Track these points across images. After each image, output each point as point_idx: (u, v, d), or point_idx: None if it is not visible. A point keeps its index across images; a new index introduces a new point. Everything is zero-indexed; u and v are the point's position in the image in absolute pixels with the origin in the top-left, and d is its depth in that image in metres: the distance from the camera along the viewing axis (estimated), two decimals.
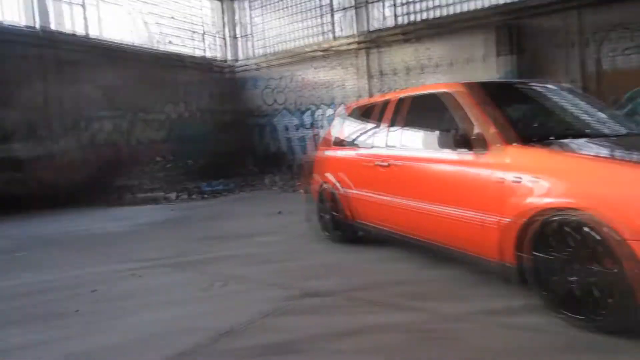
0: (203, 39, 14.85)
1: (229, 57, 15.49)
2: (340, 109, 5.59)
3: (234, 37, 15.45)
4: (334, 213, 4.95)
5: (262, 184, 12.75)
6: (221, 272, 4.07)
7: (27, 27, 10.49)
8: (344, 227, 4.87)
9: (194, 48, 14.59)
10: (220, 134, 14.68)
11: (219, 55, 15.36)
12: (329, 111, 13.56)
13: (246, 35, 15.31)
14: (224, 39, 15.44)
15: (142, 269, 4.33)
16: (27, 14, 10.57)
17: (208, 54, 14.97)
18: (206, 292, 3.55)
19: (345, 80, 13.11)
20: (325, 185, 5.12)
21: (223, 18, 15.35)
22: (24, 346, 2.71)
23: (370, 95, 12.55)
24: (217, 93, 14.93)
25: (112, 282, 3.94)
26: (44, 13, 10.71)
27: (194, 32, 14.61)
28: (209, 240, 5.59)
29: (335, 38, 13.25)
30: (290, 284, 3.64)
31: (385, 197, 4.03)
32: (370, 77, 12.64)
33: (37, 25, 10.60)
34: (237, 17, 15.43)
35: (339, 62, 13.17)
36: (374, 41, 12.49)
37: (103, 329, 2.91)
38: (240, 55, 15.47)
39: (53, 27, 10.88)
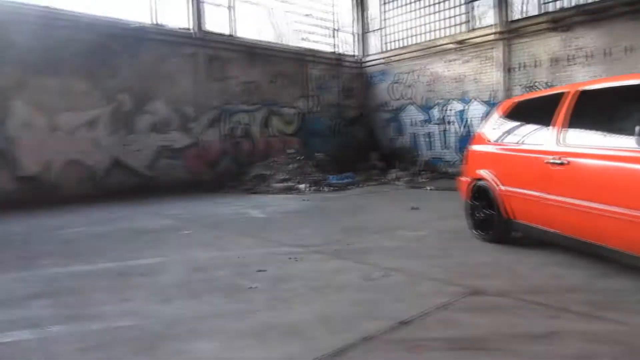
0: (334, 34, 15.17)
1: (358, 52, 15.64)
2: (502, 103, 5.28)
3: (364, 32, 15.56)
4: (489, 211, 4.73)
5: (386, 179, 12.73)
6: (376, 263, 4.10)
7: (183, 29, 11.63)
8: (497, 226, 4.64)
9: (325, 44, 14.96)
10: (346, 128, 14.95)
11: (348, 50, 15.58)
12: (459, 106, 13.07)
13: (376, 29, 15.30)
14: (354, 34, 15.62)
15: (298, 254, 4.54)
16: (183, 16, 11.72)
17: (339, 50, 15.25)
18: (369, 281, 3.60)
19: (480, 73, 12.49)
20: (479, 183, 4.90)
21: (353, 13, 15.53)
22: (219, 314, 2.97)
23: (507, 89, 11.85)
24: (345, 88, 15.18)
25: (274, 264, 4.18)
26: (197, 15, 11.77)
27: (326, 28, 14.98)
28: (353, 231, 5.69)
29: (471, 29, 12.67)
30: (452, 280, 3.55)
31: (558, 198, 3.72)
32: (508, 70, 11.89)
33: (192, 27, 11.69)
34: (368, 12, 15.49)
35: (473, 55, 12.59)
36: (515, 31, 11.72)
37: (282, 307, 3.09)
38: (369, 50, 15.53)
39: (205, 28, 11.91)
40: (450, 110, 13.32)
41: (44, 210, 8.33)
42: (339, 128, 14.86)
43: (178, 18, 11.64)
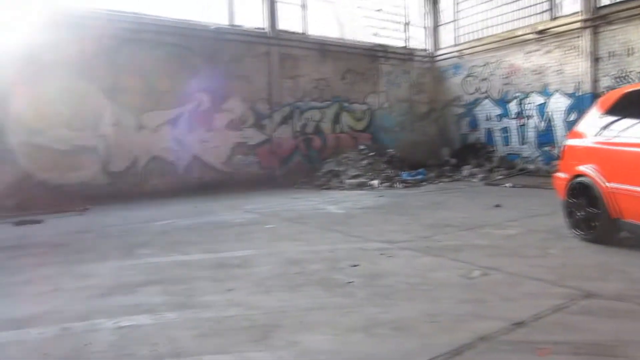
0: (405, 29, 14.90)
1: (429, 46, 15.27)
2: (607, 94, 4.93)
3: (436, 26, 15.16)
4: (591, 210, 4.42)
5: (459, 176, 12.36)
6: (471, 261, 3.96)
7: (257, 28, 11.90)
8: (602, 225, 4.33)
9: (396, 39, 14.73)
10: (417, 124, 14.67)
11: (419, 44, 15.25)
12: (539, 99, 12.40)
13: (448, 22, 14.85)
14: (425, 28, 15.26)
15: (387, 250, 4.49)
16: (258, 16, 11.98)
17: (409, 44, 14.96)
18: (468, 280, 3.48)
19: (563, 64, 11.78)
20: (580, 179, 4.59)
21: (424, 7, 15.17)
22: (322, 307, 2.99)
23: (594, 80, 11.13)
24: (416, 83, 14.89)
25: (365, 260, 4.15)
26: (271, 15, 11.99)
27: (396, 23, 14.75)
28: (437, 228, 5.55)
29: (553, 18, 11.97)
30: (558, 281, 3.35)
31: None
32: (595, 59, 11.11)
33: (266, 26, 11.94)
34: (439, 4, 15.08)
35: (556, 45, 11.88)
36: (603, 18, 10.93)
37: (384, 303, 3.05)
38: (441, 44, 15.11)
39: (278, 27, 12.11)
40: (529, 103, 12.67)
41: (131, 203, 8.86)
42: (409, 124, 14.61)
43: (253, 18, 11.92)
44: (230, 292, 3.37)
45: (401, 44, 14.84)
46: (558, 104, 11.97)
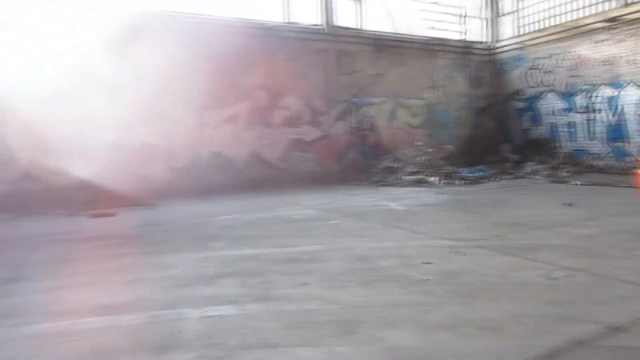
0: (463, 21, 14.48)
1: (488, 38, 14.77)
2: None
3: (496, 17, 14.64)
4: None
5: (522, 173, 11.89)
6: (551, 261, 3.79)
7: (314, 25, 11.95)
8: None
9: (453, 32, 14.35)
10: (475, 119, 14.25)
11: (477, 37, 14.79)
12: (609, 91, 11.72)
13: (509, 13, 14.30)
14: (484, 19, 14.78)
15: (458, 247, 4.38)
16: (314, 13, 12.03)
17: (466, 37, 14.54)
18: (551, 281, 3.34)
19: (637, 53, 11.05)
20: None
21: None
22: (401, 304, 2.96)
23: None
24: (474, 76, 14.46)
25: (437, 257, 4.07)
26: (327, 11, 12.01)
27: (453, 15, 14.37)
28: (507, 226, 5.37)
29: (625, 4, 11.25)
30: None
31: None
32: None
33: (322, 23, 11.97)
34: None
35: (629, 33, 11.17)
36: None
37: (465, 301, 2.98)
38: (501, 36, 14.58)
39: (334, 23, 12.11)
40: (598, 96, 11.99)
41: (194, 198, 9.16)
42: (467, 119, 14.21)
43: (309, 15, 11.99)
44: (305, 286, 3.40)
45: (458, 37, 14.43)
46: (631, 97, 11.25)
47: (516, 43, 13.96)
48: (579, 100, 12.43)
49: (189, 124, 10.45)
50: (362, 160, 12.27)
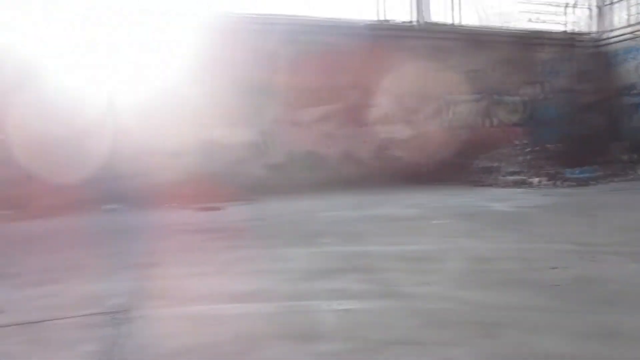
0: (565, 12, 13.53)
1: (595, 28, 13.67)
2: None
3: (603, 5, 13.51)
4: None
5: (636, 174, 10.86)
6: None
7: (406, 22, 11.81)
8: None
9: (554, 23, 13.45)
10: (580, 116, 13.23)
11: (581, 28, 13.74)
12: None
13: (619, 0, 13.13)
14: (590, 8, 13.70)
15: (587, 252, 4.08)
16: (406, 10, 11.88)
17: (569, 28, 13.56)
18: None
19: None
20: None
21: None
22: (536, 309, 2.80)
23: None
24: (577, 71, 13.45)
25: (563, 262, 3.81)
26: (419, 7, 11.80)
27: (554, 5, 13.47)
28: (634, 232, 4.93)
29: None
30: None
31: None
32: None
33: (414, 19, 11.78)
34: None
35: None
36: None
37: (611, 311, 2.76)
38: (610, 26, 13.42)
39: (427, 19, 11.87)
40: None
41: (288, 194, 9.39)
42: (570, 117, 13.24)
43: (402, 12, 11.85)
44: (428, 285, 3.34)
45: (560, 28, 13.49)
46: None
47: (628, 33, 12.78)
48: None
49: (283, 123, 10.76)
50: (456, 160, 11.86)
